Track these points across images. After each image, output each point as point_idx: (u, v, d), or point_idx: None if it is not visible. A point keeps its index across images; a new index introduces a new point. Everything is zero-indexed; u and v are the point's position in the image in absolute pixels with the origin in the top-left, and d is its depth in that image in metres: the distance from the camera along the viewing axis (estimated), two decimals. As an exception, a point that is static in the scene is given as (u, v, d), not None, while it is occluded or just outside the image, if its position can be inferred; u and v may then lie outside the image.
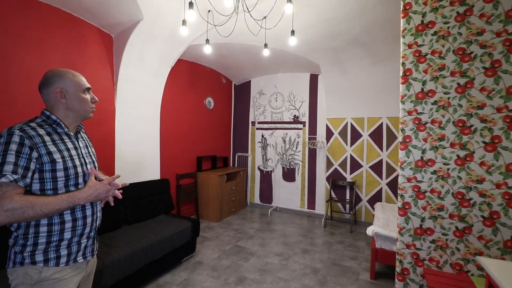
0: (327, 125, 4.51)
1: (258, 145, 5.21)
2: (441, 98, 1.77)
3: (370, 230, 2.55)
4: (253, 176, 5.28)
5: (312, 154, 4.70)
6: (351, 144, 4.33)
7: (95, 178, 1.17)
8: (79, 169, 1.11)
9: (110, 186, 1.12)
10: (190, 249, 2.94)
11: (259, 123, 5.19)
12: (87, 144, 1.25)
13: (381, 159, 4.09)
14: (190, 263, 2.85)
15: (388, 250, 2.44)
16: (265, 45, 2.91)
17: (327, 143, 4.51)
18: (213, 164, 4.67)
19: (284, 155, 4.94)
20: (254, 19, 2.50)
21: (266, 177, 5.14)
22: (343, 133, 4.39)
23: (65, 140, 1.10)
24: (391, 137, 4.03)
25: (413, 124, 1.86)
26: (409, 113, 1.87)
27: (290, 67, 4.54)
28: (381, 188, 4.09)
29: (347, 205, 4.36)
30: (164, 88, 3.51)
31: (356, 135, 4.29)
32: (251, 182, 5.29)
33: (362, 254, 3.12)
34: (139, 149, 3.26)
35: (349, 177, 4.35)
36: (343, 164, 4.39)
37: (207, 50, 2.79)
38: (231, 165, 5.43)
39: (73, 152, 1.11)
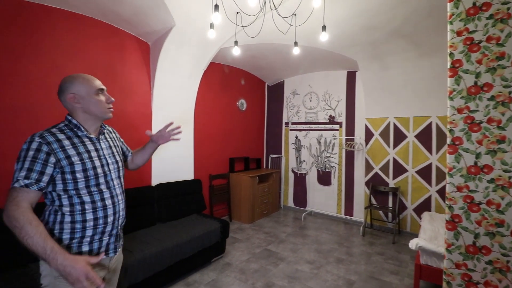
0: (366, 126, 4.19)
1: (292, 146, 5.08)
2: (500, 92, 1.48)
3: (413, 244, 2.27)
4: (286, 179, 5.16)
5: (350, 156, 4.42)
6: (394, 146, 3.95)
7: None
8: (100, 170, 1.15)
9: (83, 280, 0.94)
10: (220, 250, 2.97)
11: (292, 124, 5.06)
12: (111, 145, 1.29)
13: (430, 163, 3.65)
14: (219, 264, 2.87)
15: (435, 267, 2.14)
16: (295, 43, 2.81)
17: (366, 145, 4.19)
18: (245, 166, 4.68)
19: (319, 157, 4.73)
20: (282, 17, 2.42)
21: (300, 180, 4.98)
22: (384, 134, 4.03)
23: (86, 143, 1.15)
24: (442, 138, 3.57)
25: (464, 123, 1.59)
26: (459, 111, 1.61)
27: (325, 65, 4.34)
28: (429, 196, 3.65)
29: (390, 213, 3.99)
30: (198, 91, 3.62)
31: (400, 136, 3.90)
32: (285, 184, 5.18)
33: (405, 269, 2.80)
34: (174, 150, 3.40)
35: (391, 183, 3.97)
36: (384, 168, 4.03)
37: (236, 52, 2.79)
38: (264, 166, 5.38)
39: (94, 153, 1.15)
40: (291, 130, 5.09)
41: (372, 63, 3.75)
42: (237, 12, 2.61)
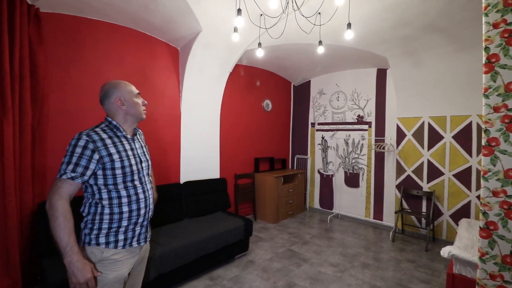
0: (397, 126, 3.99)
1: (318, 147, 5.00)
2: (543, 88, 1.35)
3: (445, 251, 2.13)
4: (312, 180, 5.09)
5: (380, 158, 4.23)
6: (429, 148, 3.71)
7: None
8: (135, 167, 1.28)
9: (85, 283, 1.09)
10: (243, 248, 3.03)
11: (319, 124, 4.98)
12: (142, 145, 1.41)
13: (470, 166, 3.37)
14: (242, 261, 2.94)
15: (469, 277, 1.99)
16: (320, 42, 2.78)
17: (397, 146, 3.99)
18: (270, 166, 4.71)
19: (347, 158, 4.60)
20: (304, 17, 2.41)
21: (326, 181, 4.88)
22: (418, 135, 3.80)
23: (124, 142, 1.27)
24: (484, 139, 3.27)
25: (501, 123, 1.47)
26: (496, 109, 1.49)
27: (353, 63, 4.21)
28: (469, 202, 3.37)
29: (423, 219, 3.75)
30: (223, 93, 3.74)
31: (435, 137, 3.65)
32: (311, 185, 5.11)
33: (438, 278, 2.63)
34: (201, 150, 3.55)
35: (426, 186, 3.73)
36: (418, 171, 3.80)
37: (259, 53, 2.83)
38: (289, 167, 5.36)
39: (130, 152, 1.28)
40: (318, 130, 5.01)
41: (404, 60, 3.56)
42: (261, 15, 2.66)
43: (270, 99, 4.79)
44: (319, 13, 2.64)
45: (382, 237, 3.78)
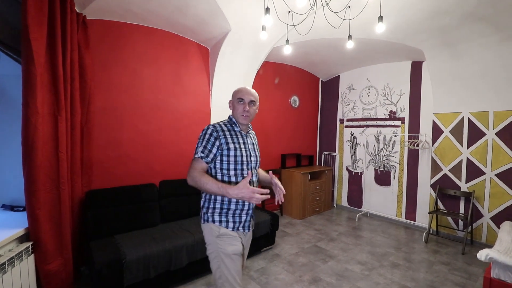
0: (434, 122, 3.78)
1: (347, 144, 4.89)
2: None
3: (483, 254, 2.01)
4: (340, 177, 5.00)
5: (413, 156, 4.04)
6: (469, 145, 3.47)
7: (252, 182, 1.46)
8: (245, 158, 1.46)
9: (253, 194, 1.26)
10: (270, 241, 3.11)
11: (348, 120, 4.87)
12: (253, 142, 1.60)
13: (516, 166, 3.10)
14: (268, 254, 3.01)
15: (509, 283, 1.86)
16: (349, 37, 2.72)
17: (433, 143, 3.78)
18: (297, 162, 4.71)
19: (377, 155, 4.45)
20: (333, 12, 2.38)
21: (355, 179, 4.78)
22: (456, 131, 3.57)
23: (238, 136, 1.48)
24: (534, 136, 3.00)
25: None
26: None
27: (385, 57, 4.05)
28: (514, 204, 3.11)
29: (461, 221, 3.53)
30: (251, 90, 3.80)
31: (476, 134, 3.41)
32: (339, 183, 5.03)
33: (474, 282, 2.48)
34: (229, 146, 3.66)
35: (464, 186, 3.50)
36: (456, 170, 3.58)
37: (287, 50, 2.85)
38: (317, 164, 5.32)
39: (242, 145, 1.47)
40: (346, 126, 4.90)
41: (442, 52, 3.34)
42: (289, 12, 2.67)
43: (298, 95, 4.78)
44: (349, 7, 2.59)
45: (415, 238, 3.63)
